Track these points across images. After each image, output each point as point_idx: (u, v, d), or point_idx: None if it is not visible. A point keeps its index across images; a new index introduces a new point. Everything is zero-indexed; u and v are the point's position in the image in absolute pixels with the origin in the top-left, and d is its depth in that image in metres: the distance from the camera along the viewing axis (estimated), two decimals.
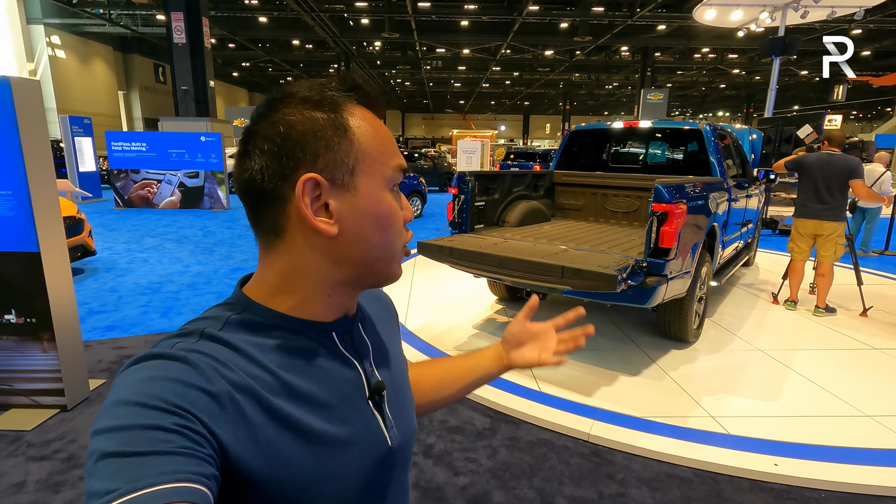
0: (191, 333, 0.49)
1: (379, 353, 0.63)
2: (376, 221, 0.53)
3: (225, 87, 33.59)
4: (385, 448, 0.57)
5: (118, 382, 0.43)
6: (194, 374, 0.44)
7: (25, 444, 2.33)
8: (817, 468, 2.21)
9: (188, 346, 0.47)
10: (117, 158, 10.46)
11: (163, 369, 0.44)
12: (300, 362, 0.52)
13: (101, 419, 0.40)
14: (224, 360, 0.47)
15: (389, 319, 0.73)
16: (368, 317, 0.65)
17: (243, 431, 0.45)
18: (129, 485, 0.36)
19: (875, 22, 16.81)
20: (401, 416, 0.62)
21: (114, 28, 20.62)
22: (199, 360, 0.46)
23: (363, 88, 0.55)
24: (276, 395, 0.49)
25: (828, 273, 4.26)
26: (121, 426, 0.39)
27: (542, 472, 2.22)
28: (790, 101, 37.45)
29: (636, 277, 2.86)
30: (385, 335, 0.67)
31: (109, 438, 0.39)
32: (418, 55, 25.55)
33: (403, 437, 0.62)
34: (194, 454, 0.40)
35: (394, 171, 0.56)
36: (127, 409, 0.40)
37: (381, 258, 0.55)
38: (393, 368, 0.65)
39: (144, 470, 0.37)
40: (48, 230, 2.49)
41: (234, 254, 6.49)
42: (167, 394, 0.41)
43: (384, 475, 0.58)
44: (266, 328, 0.52)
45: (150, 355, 0.45)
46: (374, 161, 0.53)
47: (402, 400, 0.65)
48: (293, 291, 0.53)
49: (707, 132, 4.23)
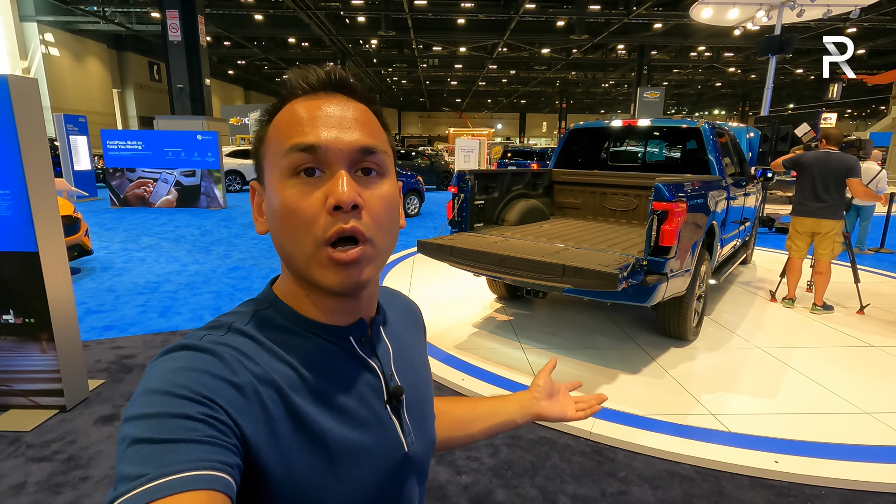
0: (220, 326, 0.50)
1: (401, 359, 0.62)
2: (274, 216, 0.50)
3: (221, 86, 33.42)
4: (401, 454, 0.56)
5: (149, 372, 0.45)
6: (221, 366, 0.45)
7: (25, 444, 2.32)
8: (817, 465, 2.23)
9: (216, 338, 0.48)
10: (113, 157, 10.39)
11: (191, 360, 0.45)
12: (320, 362, 0.52)
13: (132, 406, 0.41)
14: (249, 353, 0.48)
15: (416, 330, 0.71)
16: (393, 322, 0.64)
17: (264, 424, 0.46)
18: (157, 470, 0.37)
19: (870, 20, 16.89)
20: (421, 425, 0.61)
21: (108, 26, 20.48)
22: (225, 353, 0.47)
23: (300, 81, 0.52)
24: (296, 391, 0.49)
25: (825, 271, 4.28)
26: (150, 413, 0.40)
27: (544, 470, 2.23)
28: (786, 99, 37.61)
29: (636, 276, 2.86)
30: (409, 343, 0.66)
31: (140, 425, 0.40)
32: (415, 53, 25.49)
33: (422, 446, 0.60)
34: (219, 443, 0.41)
35: (286, 154, 0.48)
36: (156, 397, 0.41)
37: (293, 258, 0.50)
38: (415, 377, 0.63)
39: (172, 457, 0.38)
40: (47, 230, 2.47)
41: (232, 253, 6.47)
42: (194, 384, 0.42)
43: (398, 481, 0.57)
44: (289, 326, 0.53)
45: (179, 346, 0.47)
46: (272, 153, 0.50)
47: (423, 410, 0.63)
48: (294, 293, 0.54)
49: (706, 131, 4.24)
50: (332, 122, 0.49)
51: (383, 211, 0.51)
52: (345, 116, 0.50)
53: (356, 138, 0.49)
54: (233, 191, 14.02)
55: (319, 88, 0.52)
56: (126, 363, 3.19)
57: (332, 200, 0.47)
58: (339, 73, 0.53)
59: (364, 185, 0.50)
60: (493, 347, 3.50)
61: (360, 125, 0.51)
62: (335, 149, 0.48)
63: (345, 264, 0.48)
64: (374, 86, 35.04)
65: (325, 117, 0.49)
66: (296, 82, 0.52)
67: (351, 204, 0.47)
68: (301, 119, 0.49)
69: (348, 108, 0.51)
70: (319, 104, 0.50)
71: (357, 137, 0.50)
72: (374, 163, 0.51)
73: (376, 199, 0.50)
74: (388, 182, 0.53)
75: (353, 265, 0.48)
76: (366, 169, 0.51)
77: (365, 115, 0.52)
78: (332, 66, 0.53)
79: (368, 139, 0.50)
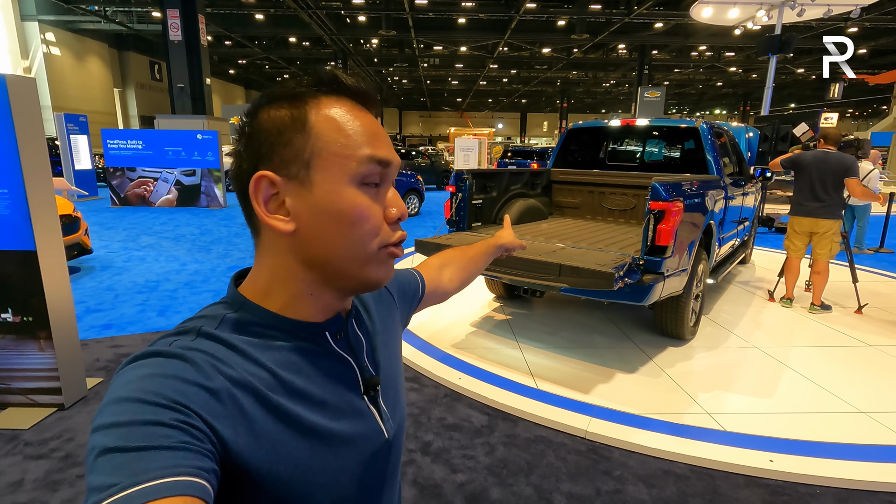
0: (188, 332, 0.49)
1: (371, 345, 0.63)
2: (336, 219, 0.50)
3: (221, 85, 33.45)
4: (382, 441, 0.59)
5: (116, 380, 0.43)
6: (193, 371, 0.44)
7: (23, 442, 2.33)
8: (812, 464, 2.23)
9: (186, 343, 0.47)
10: (113, 156, 10.41)
11: (161, 366, 0.44)
12: (296, 361, 0.53)
13: (101, 416, 0.40)
14: (222, 357, 0.48)
15: (385, 307, 0.71)
16: (362, 307, 0.66)
17: (243, 427, 0.45)
18: (129, 479, 0.36)
19: (871, 20, 16.86)
20: (394, 406, 0.63)
21: (109, 25, 20.49)
22: (197, 358, 0.46)
23: (338, 80, 0.53)
24: (274, 391, 0.49)
25: (823, 271, 4.28)
26: (120, 422, 0.39)
27: (540, 468, 2.23)
28: (786, 98, 37.55)
29: (633, 275, 2.86)
30: (381, 326, 0.67)
31: (109, 434, 0.39)
32: (416, 53, 25.49)
33: (398, 426, 0.63)
34: (194, 449, 0.40)
35: (361, 163, 0.51)
36: (126, 405, 0.40)
37: (346, 259, 0.52)
38: (388, 359, 0.65)
39: (145, 464, 0.37)
40: (45, 228, 2.48)
41: (232, 252, 6.48)
42: (166, 390, 0.41)
43: (381, 467, 0.59)
44: (261, 327, 0.52)
45: (147, 353, 0.45)
46: (333, 154, 0.50)
47: (396, 389, 0.65)
48: (280, 291, 0.53)
49: (704, 130, 4.24)
50: (388, 142, 0.55)
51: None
52: (387, 136, 0.56)
53: (399, 160, 0.56)
54: (233, 190, 14.02)
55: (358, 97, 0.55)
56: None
57: (398, 213, 0.55)
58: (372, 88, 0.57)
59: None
60: (490, 346, 3.51)
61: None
62: (395, 167, 0.55)
63: (394, 260, 0.56)
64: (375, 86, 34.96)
65: (383, 135, 0.55)
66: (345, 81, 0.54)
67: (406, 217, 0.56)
68: (363, 127, 0.52)
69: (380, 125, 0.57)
70: (368, 118, 0.54)
71: (399, 159, 0.56)
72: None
73: None
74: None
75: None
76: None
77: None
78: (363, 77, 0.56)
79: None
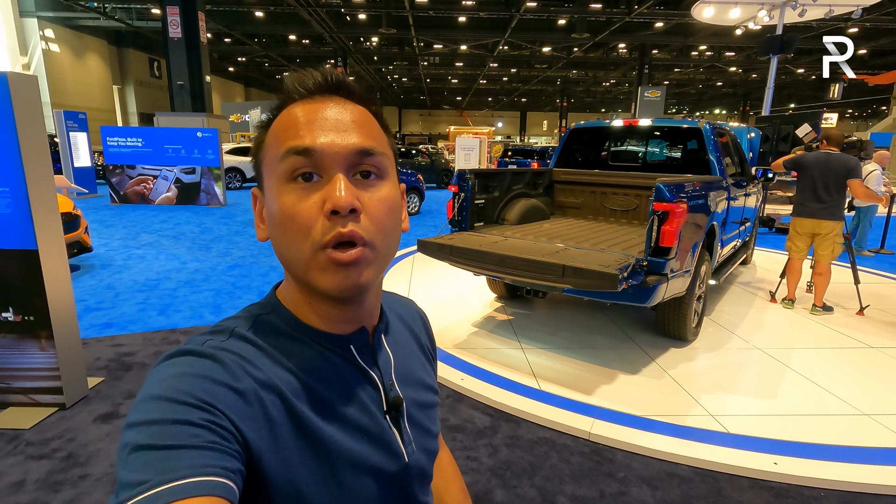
0: (222, 331, 0.50)
1: (402, 367, 0.61)
2: (273, 223, 0.50)
3: (221, 83, 33.36)
4: (401, 464, 0.56)
5: (151, 377, 0.44)
6: (222, 372, 0.45)
7: (24, 442, 2.32)
8: (816, 467, 2.23)
9: (218, 343, 0.48)
10: (113, 154, 10.38)
11: (193, 366, 0.45)
12: (321, 370, 0.52)
13: (134, 412, 0.41)
14: (251, 358, 0.48)
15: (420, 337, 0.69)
16: (396, 329, 0.64)
17: (266, 429, 0.46)
18: (158, 477, 0.37)
19: (872, 20, 16.86)
20: (422, 434, 0.60)
21: (108, 22, 20.42)
22: (227, 358, 0.46)
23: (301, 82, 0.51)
24: (298, 397, 0.49)
25: (825, 272, 4.28)
26: (152, 420, 0.40)
27: (543, 470, 2.23)
28: (787, 99, 37.56)
29: (637, 276, 2.86)
30: (412, 350, 0.65)
31: (141, 431, 0.40)
32: (415, 51, 25.44)
33: (423, 455, 0.59)
34: (221, 449, 0.41)
35: (283, 159, 0.48)
36: (158, 403, 0.41)
37: (292, 264, 0.50)
38: (417, 386, 0.63)
39: (174, 463, 0.38)
40: (46, 227, 2.47)
41: (232, 250, 6.46)
42: (196, 390, 0.42)
43: (400, 491, 0.57)
44: (290, 333, 0.52)
45: (181, 351, 0.47)
46: (269, 155, 0.50)
47: (425, 419, 0.62)
48: (296, 299, 0.54)
49: (706, 131, 4.24)
50: (328, 125, 0.48)
51: (383, 214, 0.50)
52: (342, 119, 0.49)
53: (353, 141, 0.49)
54: (233, 188, 14.01)
55: (316, 91, 0.51)
56: (125, 361, 3.19)
57: (329, 205, 0.46)
58: (336, 74, 0.52)
59: (363, 188, 0.49)
60: (492, 347, 3.50)
61: (357, 127, 0.50)
62: (331, 152, 0.47)
63: (343, 265, 0.47)
64: (375, 83, 34.96)
65: (322, 120, 0.49)
66: (292, 86, 0.52)
67: (348, 208, 0.46)
68: (297, 123, 0.49)
69: (345, 110, 0.50)
70: (316, 107, 0.50)
71: (354, 140, 0.49)
72: (373, 165, 0.50)
73: (376, 202, 0.50)
74: (389, 184, 0.52)
75: (352, 266, 0.47)
76: (365, 172, 0.50)
77: (363, 116, 0.52)
78: (329, 68, 0.53)
79: (366, 141, 0.50)
